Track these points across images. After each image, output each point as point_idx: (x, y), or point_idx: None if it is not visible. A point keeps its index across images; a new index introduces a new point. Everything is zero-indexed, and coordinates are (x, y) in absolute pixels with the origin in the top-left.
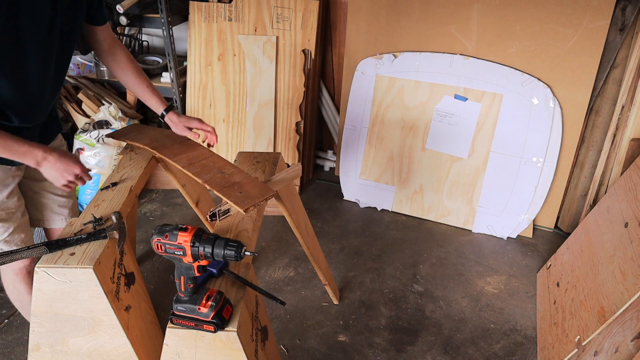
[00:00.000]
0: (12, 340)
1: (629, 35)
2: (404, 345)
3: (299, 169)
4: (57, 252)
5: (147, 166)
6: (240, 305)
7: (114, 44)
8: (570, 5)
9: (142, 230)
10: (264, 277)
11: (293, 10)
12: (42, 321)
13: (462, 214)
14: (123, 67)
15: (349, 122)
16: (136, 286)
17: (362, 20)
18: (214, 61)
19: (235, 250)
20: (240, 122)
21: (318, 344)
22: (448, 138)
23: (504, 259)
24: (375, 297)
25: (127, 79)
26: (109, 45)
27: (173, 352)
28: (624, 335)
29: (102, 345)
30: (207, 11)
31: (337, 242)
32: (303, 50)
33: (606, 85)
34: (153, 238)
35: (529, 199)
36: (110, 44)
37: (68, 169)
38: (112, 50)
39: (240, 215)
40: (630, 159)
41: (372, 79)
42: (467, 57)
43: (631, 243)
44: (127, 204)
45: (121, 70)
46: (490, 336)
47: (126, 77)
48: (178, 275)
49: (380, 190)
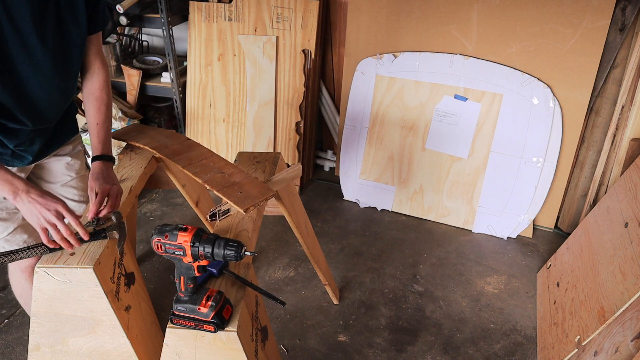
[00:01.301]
0: (12, 340)
1: (629, 35)
2: (404, 345)
3: (299, 169)
4: (57, 252)
5: (147, 166)
6: (240, 305)
7: (96, 59)
8: (570, 5)
9: (142, 230)
10: (264, 277)
11: (293, 10)
12: (42, 321)
13: (462, 214)
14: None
15: (349, 122)
16: (136, 286)
17: (362, 20)
18: (214, 61)
19: (235, 250)
20: (240, 122)
21: (318, 344)
22: (448, 138)
23: (504, 259)
24: (375, 297)
25: (87, 103)
26: (90, 61)
27: (173, 352)
28: (624, 335)
29: (102, 345)
30: (207, 11)
31: (337, 242)
32: (303, 50)
33: (606, 85)
34: (153, 238)
35: (529, 199)
36: (92, 61)
37: (48, 204)
38: (90, 66)
39: (240, 215)
40: (630, 159)
41: (372, 79)
42: (467, 57)
43: (631, 243)
44: (127, 204)
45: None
46: (490, 336)
47: (87, 101)
48: (178, 275)
49: (380, 190)
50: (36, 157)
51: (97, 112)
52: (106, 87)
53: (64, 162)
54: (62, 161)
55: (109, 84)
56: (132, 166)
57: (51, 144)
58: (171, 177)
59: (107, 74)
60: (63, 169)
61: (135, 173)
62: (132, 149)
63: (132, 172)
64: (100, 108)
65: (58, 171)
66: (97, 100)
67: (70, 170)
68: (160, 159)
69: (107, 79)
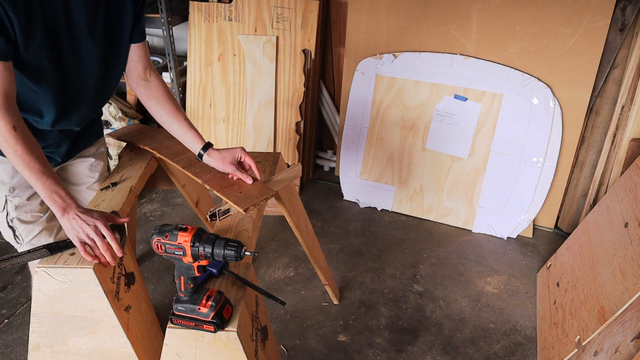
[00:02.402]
0: (12, 340)
1: (629, 35)
2: (404, 345)
3: (299, 169)
4: (57, 253)
5: (147, 166)
6: (240, 305)
7: (149, 67)
8: (570, 5)
9: (142, 230)
10: (264, 277)
11: (293, 10)
12: (42, 321)
13: (462, 214)
14: (157, 96)
15: (349, 122)
16: (136, 286)
17: (362, 20)
18: (214, 61)
19: (235, 250)
20: (240, 122)
21: (318, 344)
22: (448, 138)
23: (504, 259)
24: (375, 297)
25: (160, 110)
26: (144, 68)
27: (173, 352)
28: (624, 335)
29: (102, 345)
30: (207, 11)
31: (337, 242)
32: (303, 50)
33: (606, 85)
34: (153, 238)
35: (529, 199)
36: (145, 67)
37: (89, 220)
38: (146, 75)
39: (240, 215)
40: (630, 159)
41: (372, 79)
42: (467, 57)
43: (631, 243)
44: (127, 204)
45: (154, 98)
46: (490, 336)
47: (159, 107)
48: (178, 275)
49: (380, 190)
50: (63, 159)
51: (178, 109)
52: (168, 88)
53: (87, 163)
54: (85, 163)
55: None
56: (132, 166)
57: (77, 145)
58: (171, 177)
59: (162, 78)
60: (87, 171)
61: (135, 173)
62: (132, 149)
63: (132, 172)
64: (178, 105)
65: (82, 173)
66: (170, 99)
67: (93, 171)
68: (160, 160)
69: (164, 82)
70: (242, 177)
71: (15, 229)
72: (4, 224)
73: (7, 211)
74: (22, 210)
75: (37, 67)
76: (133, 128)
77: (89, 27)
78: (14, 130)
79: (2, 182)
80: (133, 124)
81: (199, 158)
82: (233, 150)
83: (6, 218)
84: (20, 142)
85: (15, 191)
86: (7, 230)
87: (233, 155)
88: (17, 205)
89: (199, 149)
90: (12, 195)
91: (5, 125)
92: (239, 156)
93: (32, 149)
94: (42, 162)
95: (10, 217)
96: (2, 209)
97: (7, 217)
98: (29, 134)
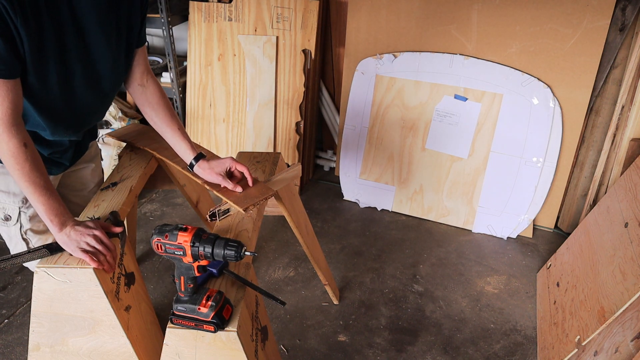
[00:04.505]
0: (12, 340)
1: (629, 35)
2: (404, 345)
3: (298, 169)
4: (57, 253)
5: (147, 166)
6: (240, 305)
7: (146, 72)
8: (570, 5)
9: (142, 230)
10: (264, 277)
11: (293, 10)
12: (42, 321)
13: (462, 214)
14: (152, 102)
15: (349, 122)
16: (136, 286)
17: (362, 20)
18: (214, 61)
19: (235, 250)
20: (240, 122)
21: (318, 344)
22: (448, 138)
23: (504, 259)
24: (375, 297)
25: (155, 117)
26: (141, 73)
27: (173, 352)
28: (624, 335)
29: (102, 345)
30: (207, 11)
31: (337, 242)
32: (303, 50)
33: (606, 85)
34: (153, 238)
35: (529, 199)
36: (143, 72)
37: (88, 231)
38: (143, 80)
39: (240, 215)
40: (630, 159)
41: (372, 79)
42: (467, 57)
43: (631, 243)
44: (127, 204)
45: (149, 105)
46: (490, 336)
47: (154, 114)
48: (178, 275)
49: (380, 190)
50: (71, 162)
51: (172, 117)
52: (165, 94)
53: (89, 168)
54: (87, 168)
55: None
56: (132, 166)
57: (81, 149)
58: (171, 177)
59: (159, 84)
60: (89, 176)
61: (135, 173)
62: (132, 149)
63: (132, 172)
64: (174, 113)
65: (85, 178)
66: (166, 106)
67: (94, 176)
68: (160, 160)
69: (162, 88)
70: (229, 186)
71: (29, 241)
72: (18, 237)
73: (20, 223)
74: (36, 220)
75: (45, 83)
76: (133, 128)
77: (101, 28)
78: (25, 147)
79: (14, 194)
80: (133, 124)
81: (190, 168)
82: (222, 161)
83: (20, 231)
84: (30, 159)
85: (28, 202)
86: (21, 242)
87: (221, 166)
88: (32, 216)
89: (190, 160)
90: (25, 207)
91: (17, 142)
92: (228, 167)
93: (39, 165)
94: (45, 178)
95: (24, 229)
96: (15, 222)
97: (21, 229)
98: (36, 151)
